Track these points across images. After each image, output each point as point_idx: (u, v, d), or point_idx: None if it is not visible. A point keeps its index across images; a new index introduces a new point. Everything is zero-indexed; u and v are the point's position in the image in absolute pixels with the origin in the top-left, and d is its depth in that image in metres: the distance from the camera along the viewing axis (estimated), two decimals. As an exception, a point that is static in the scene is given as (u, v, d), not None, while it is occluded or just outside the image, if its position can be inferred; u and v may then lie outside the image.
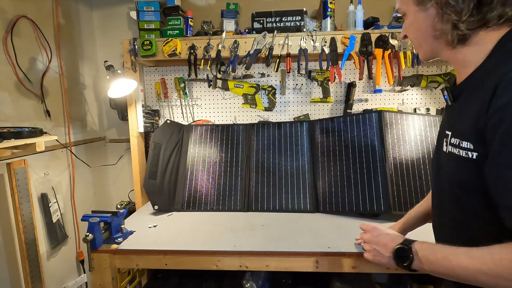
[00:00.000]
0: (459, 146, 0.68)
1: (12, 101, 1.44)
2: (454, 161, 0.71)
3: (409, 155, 1.52)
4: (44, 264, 1.54)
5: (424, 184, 1.48)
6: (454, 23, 0.66)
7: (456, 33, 0.67)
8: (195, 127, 1.86)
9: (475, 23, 0.65)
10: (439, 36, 0.71)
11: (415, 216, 1.07)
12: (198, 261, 1.22)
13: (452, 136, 0.71)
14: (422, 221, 1.05)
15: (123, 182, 2.16)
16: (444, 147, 0.74)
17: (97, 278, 1.24)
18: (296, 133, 1.77)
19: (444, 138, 0.75)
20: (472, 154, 0.65)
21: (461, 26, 0.66)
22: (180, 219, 1.54)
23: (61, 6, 1.76)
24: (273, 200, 1.64)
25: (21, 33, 1.49)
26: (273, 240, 1.27)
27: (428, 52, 0.77)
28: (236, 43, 1.70)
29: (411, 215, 1.08)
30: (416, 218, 1.06)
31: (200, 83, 1.97)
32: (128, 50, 1.75)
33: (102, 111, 2.11)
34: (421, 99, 1.90)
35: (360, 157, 1.54)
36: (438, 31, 0.70)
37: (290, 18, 1.73)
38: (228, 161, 1.75)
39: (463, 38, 0.68)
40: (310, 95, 1.94)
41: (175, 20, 1.78)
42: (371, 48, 1.65)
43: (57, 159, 1.70)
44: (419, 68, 1.88)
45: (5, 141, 1.16)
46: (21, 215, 1.37)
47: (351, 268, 1.16)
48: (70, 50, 1.85)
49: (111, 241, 1.28)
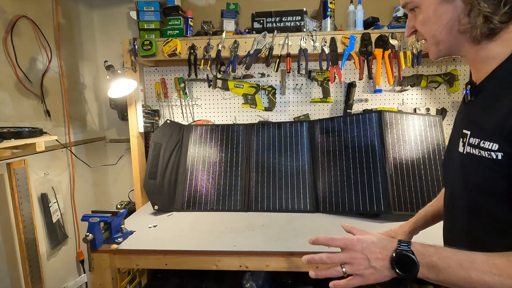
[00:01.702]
0: (479, 147, 0.62)
1: (12, 101, 1.44)
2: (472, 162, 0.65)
3: (409, 155, 1.52)
4: (44, 264, 1.54)
5: (424, 184, 1.48)
6: (486, 15, 0.60)
7: (487, 27, 0.61)
8: (195, 127, 1.86)
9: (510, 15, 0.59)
10: (464, 31, 0.63)
11: (425, 215, 1.00)
12: (198, 261, 1.22)
13: (471, 135, 0.65)
14: (431, 222, 1.00)
15: (123, 182, 2.16)
16: (461, 148, 0.68)
17: (97, 278, 1.24)
18: (296, 133, 1.77)
19: (460, 138, 0.69)
20: (496, 154, 0.59)
21: (494, 19, 0.59)
22: (180, 219, 1.54)
23: (61, 6, 1.76)
24: (273, 200, 1.64)
25: (21, 33, 1.49)
26: (273, 240, 1.27)
27: (445, 49, 0.69)
28: (236, 43, 1.70)
29: (421, 215, 1.01)
30: (426, 217, 1.00)
31: (200, 83, 1.97)
32: (128, 50, 1.75)
33: (102, 111, 2.11)
34: (421, 99, 1.90)
35: (360, 157, 1.54)
36: (464, 25, 0.63)
37: (290, 18, 1.73)
38: (228, 161, 1.75)
39: (492, 32, 0.61)
40: (310, 95, 1.94)
41: (175, 20, 1.78)
42: (371, 48, 1.65)
43: (57, 159, 1.70)
44: (419, 68, 1.88)
45: (5, 141, 1.16)
46: (21, 215, 1.37)
47: (351, 268, 1.16)
48: (70, 50, 1.85)
49: (111, 241, 1.29)
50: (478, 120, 0.66)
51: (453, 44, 0.67)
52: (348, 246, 0.68)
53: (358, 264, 0.66)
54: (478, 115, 0.67)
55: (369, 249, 0.66)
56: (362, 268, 0.65)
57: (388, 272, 0.64)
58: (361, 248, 0.66)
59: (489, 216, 0.64)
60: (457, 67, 1.85)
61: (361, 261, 0.65)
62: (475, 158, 0.63)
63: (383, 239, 0.67)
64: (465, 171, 0.68)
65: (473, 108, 0.69)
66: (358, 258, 0.66)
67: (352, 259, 0.67)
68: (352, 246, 0.67)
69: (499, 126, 0.59)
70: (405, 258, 0.62)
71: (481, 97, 0.67)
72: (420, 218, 1.02)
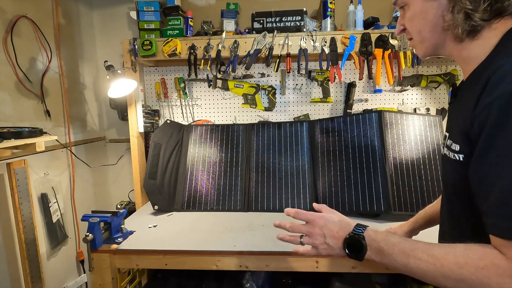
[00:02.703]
0: (451, 148, 0.65)
1: (12, 101, 1.44)
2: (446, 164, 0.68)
3: (409, 155, 1.52)
4: (44, 264, 1.54)
5: (424, 184, 1.48)
6: (468, 12, 0.60)
7: (468, 24, 0.60)
8: (195, 127, 1.86)
9: (490, 13, 0.59)
10: (447, 28, 0.64)
11: (424, 216, 1.02)
12: (198, 261, 1.22)
13: (448, 137, 0.68)
14: (430, 223, 1.01)
15: (123, 182, 2.16)
16: (443, 150, 0.71)
17: (97, 278, 1.24)
18: (296, 133, 1.77)
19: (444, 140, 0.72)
20: (458, 156, 0.61)
21: (475, 16, 0.59)
22: (180, 219, 1.54)
23: (61, 6, 1.76)
24: (273, 200, 1.64)
25: (21, 33, 1.49)
26: (273, 240, 1.27)
27: (431, 46, 0.69)
28: (236, 43, 1.70)
29: (420, 216, 1.03)
30: (425, 218, 1.02)
31: (200, 83, 1.97)
32: (128, 50, 1.75)
33: (102, 111, 2.11)
34: (421, 99, 1.90)
35: (360, 157, 1.54)
36: (447, 22, 0.63)
37: (290, 18, 1.73)
38: (228, 161, 1.75)
39: (474, 30, 0.61)
40: (310, 95, 1.94)
41: (175, 20, 1.78)
42: (371, 48, 1.65)
43: (57, 159, 1.70)
44: (419, 68, 1.88)
45: (5, 141, 1.16)
46: (21, 215, 1.37)
47: (351, 268, 1.16)
48: (70, 50, 1.85)
49: (111, 241, 1.28)
50: (452, 122, 0.70)
51: (438, 42, 0.68)
52: (310, 221, 0.77)
53: (314, 238, 0.75)
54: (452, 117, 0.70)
55: (328, 227, 0.74)
56: (317, 243, 0.74)
57: (339, 251, 0.72)
58: (321, 225, 0.74)
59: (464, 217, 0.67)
60: (457, 67, 1.85)
61: (317, 236, 0.74)
62: (448, 160, 0.66)
63: (344, 221, 0.75)
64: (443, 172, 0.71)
65: (452, 110, 0.73)
66: (316, 233, 0.75)
67: (310, 233, 0.76)
68: (313, 221, 0.76)
69: (460, 128, 0.60)
70: (355, 242, 0.69)
71: (458, 99, 0.70)
72: (420, 218, 1.04)
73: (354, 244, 0.70)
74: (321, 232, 0.74)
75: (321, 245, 0.74)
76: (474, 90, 0.58)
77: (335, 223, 0.74)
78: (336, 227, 0.73)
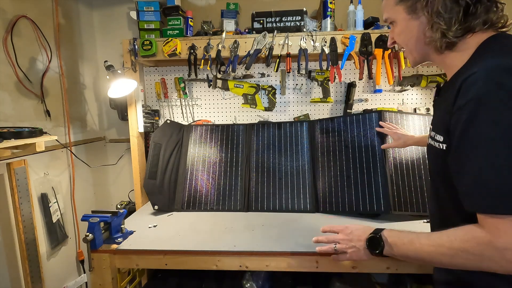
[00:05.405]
0: (435, 139, 0.76)
1: (12, 101, 1.44)
2: (431, 152, 0.79)
3: (409, 155, 1.52)
4: (44, 264, 1.54)
5: (424, 184, 1.48)
6: (443, 31, 0.72)
7: (444, 40, 0.73)
8: (195, 127, 1.86)
9: (462, 31, 0.71)
10: (429, 42, 0.76)
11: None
12: (198, 261, 1.22)
13: (432, 129, 0.79)
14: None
15: (123, 182, 2.16)
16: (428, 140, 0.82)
17: (97, 278, 1.24)
18: (296, 133, 1.77)
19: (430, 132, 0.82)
20: (442, 145, 0.73)
21: (449, 34, 0.71)
22: (180, 219, 1.54)
23: (61, 6, 1.76)
24: (273, 200, 1.64)
25: (21, 33, 1.49)
26: (273, 240, 1.27)
27: (418, 56, 0.83)
28: (236, 43, 1.70)
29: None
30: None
31: (200, 83, 1.97)
32: (128, 50, 1.75)
33: (102, 111, 2.11)
34: (421, 99, 1.89)
35: (360, 157, 1.54)
36: (428, 37, 0.76)
37: (290, 18, 1.73)
38: (228, 161, 1.75)
39: (450, 44, 0.73)
40: (310, 95, 1.94)
41: (175, 20, 1.78)
42: (371, 48, 1.65)
43: (57, 159, 1.70)
44: (419, 68, 1.87)
45: (5, 141, 1.16)
46: (21, 215, 1.37)
47: (351, 268, 1.16)
48: (70, 50, 1.85)
49: (111, 241, 1.28)
50: (435, 116, 0.82)
51: (423, 53, 0.81)
52: (340, 231, 0.98)
53: (344, 244, 0.95)
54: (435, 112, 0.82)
55: (354, 233, 0.94)
56: (347, 247, 0.94)
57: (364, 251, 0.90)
58: (349, 232, 0.95)
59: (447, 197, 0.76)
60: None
61: (346, 242, 0.94)
62: (432, 149, 0.78)
63: (366, 227, 0.93)
64: (429, 160, 0.83)
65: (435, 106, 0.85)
66: (345, 239, 0.95)
67: (341, 240, 0.96)
68: (342, 231, 0.98)
69: (442, 121, 0.72)
70: (374, 239, 0.86)
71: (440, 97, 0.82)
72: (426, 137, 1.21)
73: (373, 241, 0.86)
74: (349, 238, 0.94)
75: (350, 249, 0.93)
76: (452, 91, 0.69)
77: (359, 229, 0.94)
78: (360, 232, 0.93)
